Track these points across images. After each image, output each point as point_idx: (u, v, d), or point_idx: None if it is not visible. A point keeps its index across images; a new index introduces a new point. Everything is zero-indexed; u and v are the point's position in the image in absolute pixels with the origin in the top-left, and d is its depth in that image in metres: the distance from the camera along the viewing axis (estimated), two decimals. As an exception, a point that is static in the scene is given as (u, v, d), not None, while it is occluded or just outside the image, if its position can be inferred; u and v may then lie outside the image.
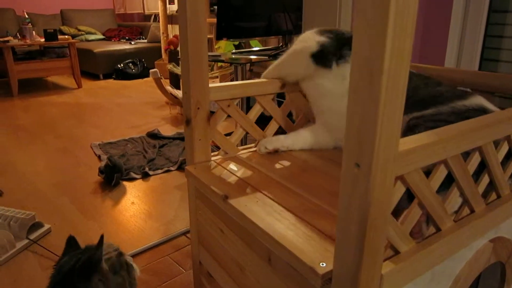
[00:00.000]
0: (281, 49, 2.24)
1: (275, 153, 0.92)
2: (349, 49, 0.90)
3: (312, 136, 0.93)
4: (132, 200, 1.83)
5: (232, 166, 0.85)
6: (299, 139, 0.93)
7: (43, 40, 4.03)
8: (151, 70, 2.98)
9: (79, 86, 4.31)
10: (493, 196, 0.74)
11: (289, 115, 1.02)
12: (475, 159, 0.63)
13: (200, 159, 0.86)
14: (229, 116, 0.88)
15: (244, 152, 0.94)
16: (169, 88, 3.18)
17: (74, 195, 1.88)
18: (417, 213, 0.59)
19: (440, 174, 0.59)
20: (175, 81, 3.49)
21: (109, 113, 3.39)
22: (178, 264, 1.40)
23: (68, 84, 4.53)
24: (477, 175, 0.69)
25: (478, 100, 0.80)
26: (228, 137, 0.92)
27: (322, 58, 0.89)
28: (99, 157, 2.33)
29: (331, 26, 1.64)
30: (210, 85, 0.83)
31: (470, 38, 1.90)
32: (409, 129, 0.76)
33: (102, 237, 0.73)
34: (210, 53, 2.24)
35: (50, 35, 4.00)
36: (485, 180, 0.69)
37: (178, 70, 3.34)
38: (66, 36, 4.27)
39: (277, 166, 0.86)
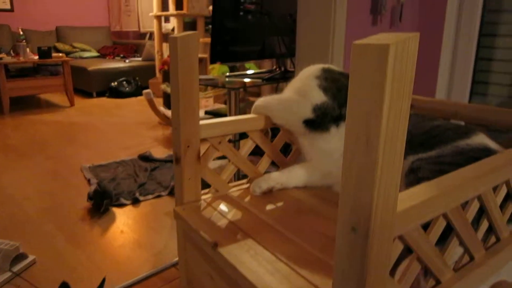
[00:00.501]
0: (275, 73, 2.23)
1: (269, 192, 0.89)
2: None
3: (306, 174, 0.90)
4: (121, 228, 1.78)
5: (223, 207, 0.82)
6: (293, 176, 0.90)
7: (36, 57, 4.00)
8: (144, 91, 2.96)
9: (72, 104, 4.28)
10: (492, 239, 0.71)
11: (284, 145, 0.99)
12: (474, 206, 0.61)
13: (189, 199, 0.82)
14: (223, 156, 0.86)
15: (235, 190, 0.90)
16: (162, 109, 3.16)
17: (61, 222, 1.82)
18: (416, 269, 0.56)
19: (439, 227, 0.57)
20: (168, 101, 3.47)
21: (101, 133, 3.35)
22: None
23: (61, 102, 4.50)
24: (476, 220, 0.66)
25: (481, 139, 0.78)
26: (219, 175, 0.88)
27: (318, 124, 0.85)
28: (88, 180, 2.28)
29: (324, 47, 1.63)
30: (201, 122, 0.80)
31: (460, 71, 1.92)
32: (412, 172, 0.73)
33: (103, 281, 0.68)
34: (203, 77, 2.23)
35: (44, 53, 3.97)
36: (484, 225, 0.67)
37: (172, 90, 3.33)
38: (60, 54, 4.25)
39: (270, 206, 0.83)
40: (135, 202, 2.05)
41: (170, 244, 1.66)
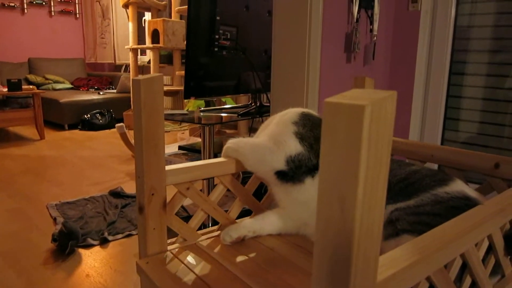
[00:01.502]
0: (251, 107, 2.22)
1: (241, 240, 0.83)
2: None
3: (281, 222, 0.86)
4: (87, 271, 1.67)
5: (191, 259, 0.76)
6: (267, 224, 0.85)
7: (5, 89, 3.88)
8: (116, 125, 2.89)
9: (42, 137, 4.13)
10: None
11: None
12: (457, 264, 0.57)
13: (154, 251, 0.76)
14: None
15: (204, 238, 0.85)
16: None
17: (22, 266, 1.69)
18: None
19: None
20: (143, 134, 3.40)
21: (71, 167, 3.22)
22: None
23: (31, 135, 4.34)
24: (458, 276, 0.63)
25: (460, 186, 0.76)
26: (186, 224, 0.83)
27: (291, 176, 0.80)
28: (54, 219, 2.16)
29: (299, 83, 1.63)
30: (167, 167, 0.75)
31: (432, 107, 1.97)
32: (390, 222, 0.70)
33: None
34: (178, 111, 2.19)
35: (13, 85, 3.86)
36: (467, 281, 0.63)
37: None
38: (31, 86, 4.14)
39: (241, 258, 0.77)
40: (104, 242, 1.94)
41: (139, 290, 1.56)
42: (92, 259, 1.78)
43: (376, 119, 0.30)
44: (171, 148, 2.48)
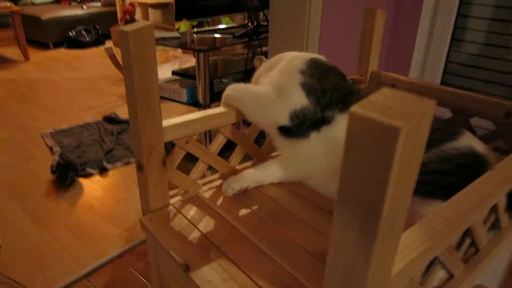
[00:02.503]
0: (248, 28, 2.08)
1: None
2: (339, 109, 0.77)
3: (283, 171, 0.84)
4: (90, 202, 1.71)
5: (194, 213, 0.76)
6: (269, 174, 0.84)
7: (-20, 7, 3.60)
8: (104, 47, 2.74)
9: (27, 58, 3.95)
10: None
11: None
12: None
13: (156, 206, 0.75)
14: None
15: (206, 189, 0.84)
16: (126, 64, 2.94)
17: (24, 199, 1.72)
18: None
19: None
20: (133, 55, 3.24)
21: (61, 91, 3.13)
22: (142, 277, 1.32)
23: (15, 56, 4.13)
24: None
25: (468, 141, 0.73)
26: (188, 176, 0.81)
27: (295, 132, 0.76)
28: (51, 149, 2.15)
29: (301, 5, 1.50)
30: (164, 122, 0.71)
31: (436, 48, 1.88)
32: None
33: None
34: (169, 34, 2.05)
35: (-12, 1, 3.57)
36: (466, 242, 0.64)
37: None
38: (8, 3, 3.83)
39: (245, 211, 0.77)
40: (103, 171, 1.96)
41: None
42: (94, 189, 1.81)
43: (411, 141, 0.26)
44: (164, 70, 2.38)
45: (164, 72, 2.43)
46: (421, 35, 1.90)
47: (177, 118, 0.74)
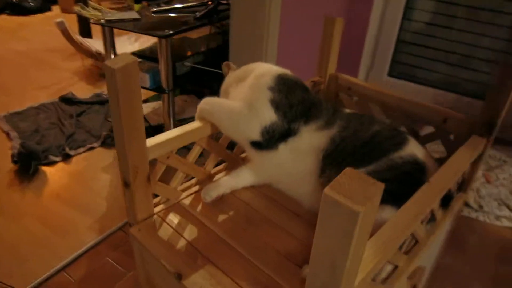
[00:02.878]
0: (208, 7, 2.08)
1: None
2: (303, 122, 0.86)
3: (254, 176, 0.94)
4: (57, 191, 1.72)
5: (177, 222, 0.84)
6: (241, 179, 0.93)
7: None
8: (56, 21, 2.61)
9: (-36, 27, 3.64)
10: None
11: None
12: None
13: (142, 217, 0.83)
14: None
15: (186, 196, 0.92)
16: (78, 38, 2.84)
17: (-13, 190, 1.70)
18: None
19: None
20: (84, 27, 3.11)
21: (9, 66, 2.97)
22: (119, 266, 1.39)
23: None
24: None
25: (411, 149, 0.85)
26: (169, 186, 0.89)
27: (265, 144, 0.84)
28: (7, 134, 2.09)
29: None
30: (148, 142, 0.77)
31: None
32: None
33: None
34: (127, 15, 2.01)
35: None
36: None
37: (88, 13, 2.96)
38: None
39: (222, 216, 0.86)
40: (66, 157, 1.95)
41: (113, 205, 1.66)
42: (59, 177, 1.82)
43: (365, 217, 0.36)
44: (120, 46, 2.32)
45: (121, 47, 2.38)
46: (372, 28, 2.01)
47: (158, 137, 0.80)
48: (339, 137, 0.86)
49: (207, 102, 0.89)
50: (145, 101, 2.36)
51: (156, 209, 0.87)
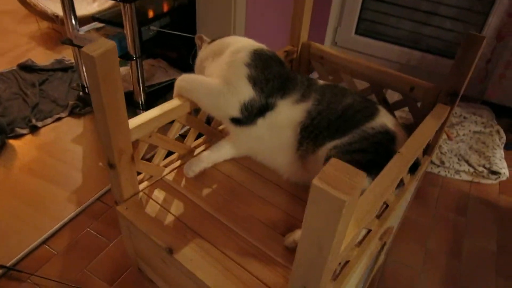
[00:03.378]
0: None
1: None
2: (280, 96, 0.89)
3: (234, 150, 0.97)
4: (28, 165, 1.69)
5: (163, 198, 0.87)
6: (222, 153, 0.96)
7: None
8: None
9: None
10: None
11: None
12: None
13: (128, 195, 0.85)
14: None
15: (168, 171, 0.95)
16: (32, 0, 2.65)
17: (-47, 168, 1.65)
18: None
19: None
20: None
21: (-43, 31, 2.75)
22: (101, 236, 1.42)
23: None
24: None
25: (382, 119, 0.91)
26: (152, 163, 0.91)
27: (245, 120, 0.86)
28: (-33, 107, 1.99)
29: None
30: (130, 123, 0.78)
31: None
32: (328, 160, 0.85)
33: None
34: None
35: None
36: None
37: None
38: None
39: (206, 191, 0.90)
40: (33, 129, 1.90)
41: (89, 176, 1.65)
42: (28, 151, 1.78)
43: (350, 207, 0.41)
44: (78, 4, 2.19)
45: (79, 9, 2.26)
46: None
47: (139, 118, 0.81)
48: (315, 110, 0.90)
49: (185, 80, 0.89)
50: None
51: (141, 186, 0.89)
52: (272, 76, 0.89)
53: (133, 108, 1.95)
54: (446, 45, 2.33)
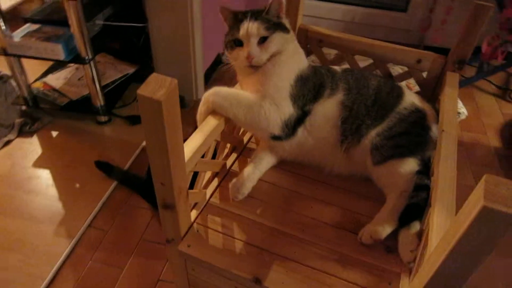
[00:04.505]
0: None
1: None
2: (313, 103, 0.88)
3: (274, 158, 0.93)
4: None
5: (220, 223, 0.82)
6: (264, 166, 0.91)
7: None
8: None
9: None
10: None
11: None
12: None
13: (184, 230, 0.79)
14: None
15: (211, 194, 0.89)
16: None
17: None
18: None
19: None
20: None
21: None
22: (109, 265, 1.30)
23: None
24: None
25: (409, 98, 0.93)
26: (195, 190, 0.84)
27: (286, 136, 0.87)
28: None
29: None
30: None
31: None
32: (376, 149, 0.86)
33: None
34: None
35: None
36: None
37: None
38: None
39: (258, 204, 0.86)
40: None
41: (69, 201, 1.49)
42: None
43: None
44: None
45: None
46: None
47: (187, 149, 0.74)
48: (349, 100, 0.89)
49: (218, 95, 0.83)
50: (45, 73, 2.01)
51: (191, 217, 0.83)
52: (308, 90, 0.88)
53: (92, 115, 1.77)
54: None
